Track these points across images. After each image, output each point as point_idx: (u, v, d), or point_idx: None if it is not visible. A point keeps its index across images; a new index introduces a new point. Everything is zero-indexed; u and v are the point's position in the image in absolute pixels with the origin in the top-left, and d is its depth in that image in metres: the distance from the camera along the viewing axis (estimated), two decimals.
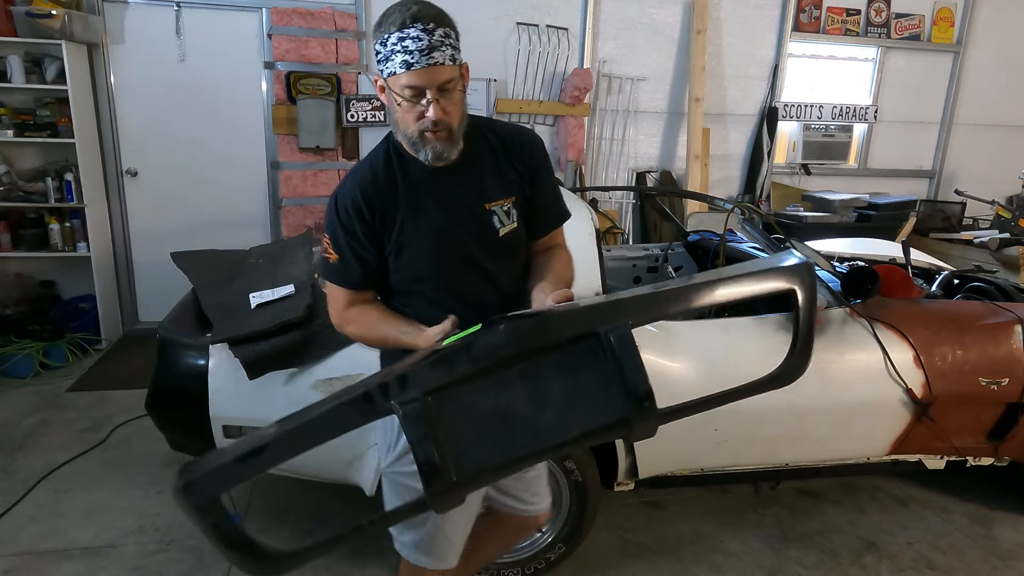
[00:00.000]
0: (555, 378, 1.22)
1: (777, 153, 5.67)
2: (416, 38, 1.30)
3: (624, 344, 1.20)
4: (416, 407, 1.16)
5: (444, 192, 1.47)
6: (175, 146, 4.54)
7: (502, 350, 1.19)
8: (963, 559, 2.62)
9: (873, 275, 2.47)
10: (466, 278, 1.51)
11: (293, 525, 2.65)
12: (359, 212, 1.45)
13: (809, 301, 1.30)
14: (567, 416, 1.22)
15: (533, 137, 1.59)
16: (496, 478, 1.34)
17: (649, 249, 3.76)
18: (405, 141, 1.43)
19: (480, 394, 1.21)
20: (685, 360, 2.33)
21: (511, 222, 1.51)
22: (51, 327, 4.12)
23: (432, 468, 1.16)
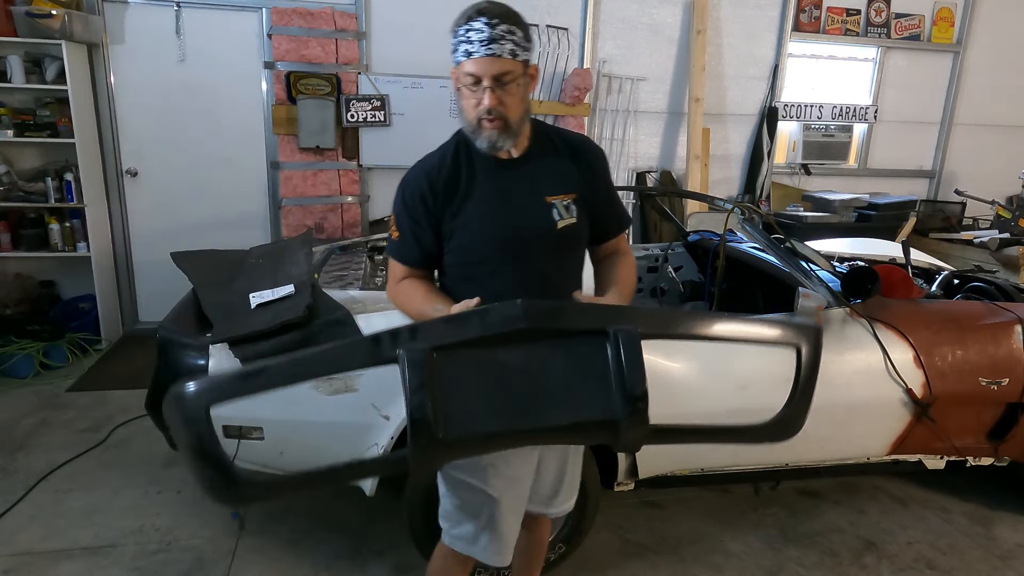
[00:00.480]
0: (558, 365, 1.25)
1: (777, 153, 5.67)
2: (479, 30, 1.41)
3: (630, 346, 1.22)
4: (420, 356, 1.18)
5: (505, 183, 1.56)
6: (175, 146, 4.54)
7: (515, 323, 1.21)
8: (963, 559, 2.62)
9: (873, 275, 2.47)
10: (517, 267, 1.57)
11: (293, 525, 2.65)
12: (422, 197, 1.56)
13: (812, 361, 1.35)
14: (561, 404, 1.24)
15: (596, 146, 1.70)
16: (480, 450, 1.36)
17: (649, 249, 3.76)
18: (467, 130, 1.53)
19: (484, 364, 1.23)
20: (685, 360, 2.32)
21: (570, 216, 1.58)
22: (51, 327, 4.12)
23: (422, 420, 1.17)
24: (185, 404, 1.18)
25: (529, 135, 1.59)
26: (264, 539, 2.57)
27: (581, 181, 1.62)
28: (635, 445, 1.32)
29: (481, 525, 1.64)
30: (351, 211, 4.79)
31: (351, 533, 2.62)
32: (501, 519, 1.63)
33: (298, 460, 2.29)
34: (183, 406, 1.18)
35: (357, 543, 2.56)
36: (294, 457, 2.26)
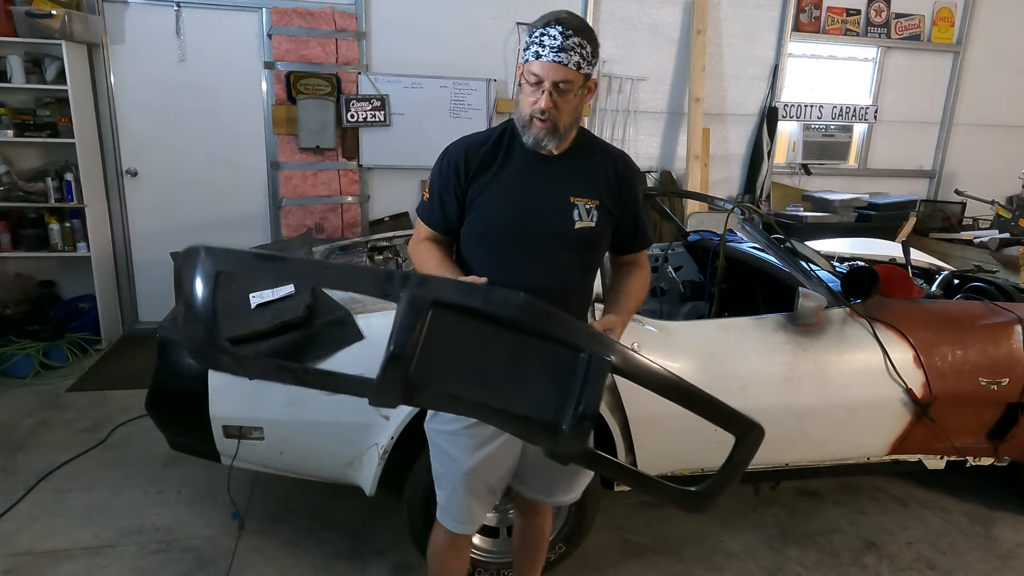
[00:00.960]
0: (533, 363, 1.36)
1: (777, 153, 5.67)
2: (552, 36, 1.51)
3: (598, 371, 1.35)
4: (419, 303, 1.29)
5: (535, 174, 1.64)
6: (175, 146, 4.54)
7: (511, 310, 1.33)
8: (963, 559, 2.62)
9: (873, 275, 2.47)
10: (526, 255, 1.63)
11: (293, 525, 2.65)
12: (456, 168, 1.65)
13: (746, 453, 1.51)
14: (521, 394, 1.35)
15: (633, 164, 1.77)
16: (438, 404, 1.45)
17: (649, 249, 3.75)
18: (518, 123, 1.63)
19: (471, 333, 1.34)
20: (685, 360, 2.33)
21: (589, 220, 1.64)
22: (51, 327, 4.12)
23: (400, 355, 1.28)
24: (204, 262, 1.30)
25: (573, 138, 1.67)
26: (264, 539, 2.57)
27: (610, 192, 1.68)
28: (566, 458, 1.44)
29: (448, 492, 1.75)
30: (351, 211, 4.79)
31: (351, 533, 2.62)
32: (465, 488, 1.72)
33: (298, 460, 2.29)
34: (202, 262, 1.30)
35: (357, 543, 2.56)
36: (294, 457, 2.26)
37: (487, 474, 1.72)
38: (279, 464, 2.29)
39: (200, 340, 1.35)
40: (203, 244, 1.32)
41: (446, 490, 1.76)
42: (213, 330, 1.34)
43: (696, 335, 2.41)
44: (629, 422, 2.28)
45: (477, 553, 2.31)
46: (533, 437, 1.45)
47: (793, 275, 2.58)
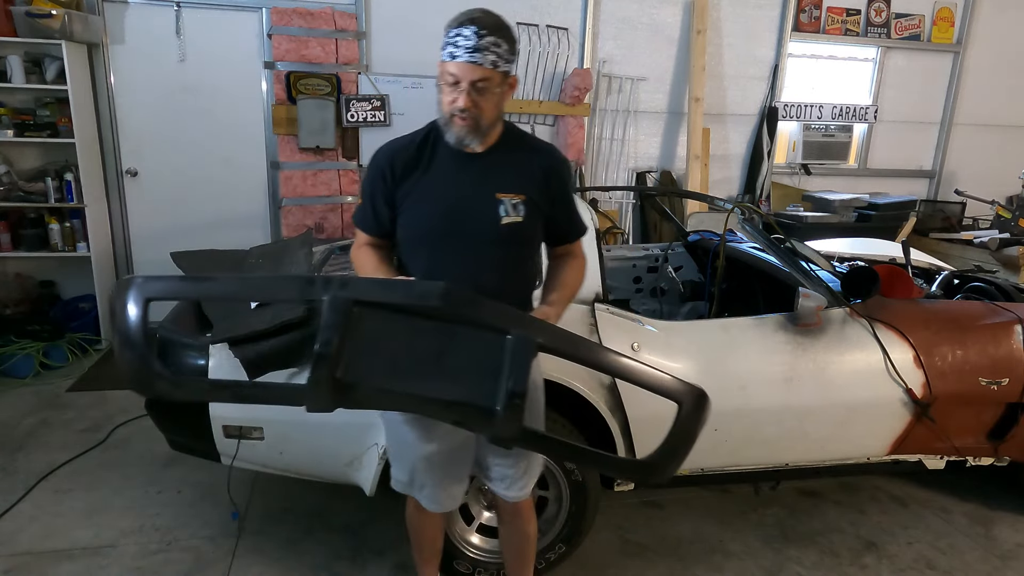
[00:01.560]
0: (460, 350, 1.38)
1: (777, 153, 5.67)
2: (467, 37, 1.53)
3: (524, 351, 1.37)
4: (341, 304, 1.32)
5: (461, 173, 1.67)
6: (175, 146, 4.54)
7: (432, 302, 1.36)
8: (963, 559, 2.62)
9: (873, 275, 2.47)
10: (457, 252, 1.66)
11: (293, 525, 2.65)
12: (383, 173, 1.69)
13: (690, 420, 1.48)
14: (452, 382, 1.37)
15: (558, 153, 1.80)
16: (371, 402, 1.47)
17: (649, 249, 3.76)
18: (440, 120, 1.65)
19: (397, 328, 1.37)
20: (685, 360, 2.33)
21: (516, 215, 1.66)
22: (51, 327, 4.12)
23: (326, 356, 1.30)
24: (132, 293, 1.34)
25: (498, 134, 1.70)
26: (264, 539, 2.57)
27: (536, 186, 1.69)
28: (506, 441, 1.45)
29: (409, 470, 1.84)
30: (351, 211, 4.79)
31: (351, 533, 2.62)
32: (427, 468, 1.80)
33: (298, 460, 2.29)
34: (129, 294, 1.34)
35: (357, 543, 2.56)
36: (294, 457, 2.26)
37: (442, 453, 1.78)
38: (279, 464, 2.29)
39: (134, 368, 1.37)
40: (126, 279, 1.36)
41: (406, 467, 1.85)
42: (147, 357, 1.37)
43: (696, 335, 2.41)
44: (629, 422, 2.28)
45: (477, 553, 2.32)
46: (471, 424, 1.47)
47: (793, 275, 2.58)
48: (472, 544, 2.33)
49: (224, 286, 1.50)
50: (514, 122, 1.77)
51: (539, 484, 2.36)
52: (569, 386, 2.20)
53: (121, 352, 1.37)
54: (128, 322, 1.34)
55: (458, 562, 2.30)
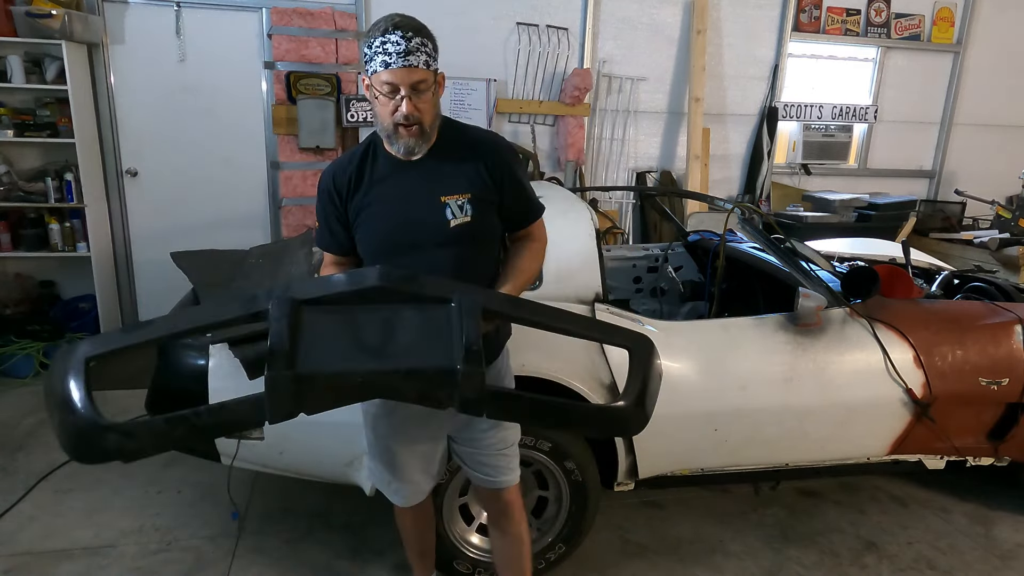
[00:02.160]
0: (409, 324, 1.42)
1: (777, 153, 5.67)
2: (396, 43, 1.51)
3: (471, 311, 1.40)
4: (287, 305, 1.36)
5: (404, 183, 1.67)
6: (175, 146, 4.54)
7: (372, 283, 1.40)
8: (963, 559, 2.62)
9: (873, 275, 2.47)
10: (413, 261, 1.65)
11: (293, 525, 2.65)
12: (330, 194, 1.72)
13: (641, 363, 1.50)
14: (407, 353, 1.40)
15: (500, 141, 1.77)
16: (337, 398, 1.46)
17: (649, 249, 3.76)
18: (383, 135, 1.64)
19: (345, 317, 1.41)
20: (685, 360, 2.33)
21: (464, 216, 1.67)
22: (51, 327, 4.12)
23: (279, 352, 1.32)
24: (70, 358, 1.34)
25: (435, 135, 1.68)
26: (264, 539, 2.57)
27: (483, 179, 1.69)
28: (474, 403, 1.43)
29: (379, 464, 1.89)
30: None
31: (351, 533, 2.62)
32: (392, 460, 1.85)
33: (298, 460, 2.29)
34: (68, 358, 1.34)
35: (357, 543, 2.57)
36: (294, 457, 2.26)
37: (412, 451, 1.84)
38: (279, 464, 2.29)
39: (82, 431, 1.32)
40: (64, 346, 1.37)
41: (377, 461, 1.90)
42: (94, 417, 1.31)
43: (696, 335, 2.42)
44: None
45: (477, 553, 2.32)
46: (436, 390, 1.44)
47: (793, 275, 2.58)
48: (472, 544, 2.33)
49: (166, 325, 1.49)
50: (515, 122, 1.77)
51: (539, 484, 2.37)
52: (569, 386, 2.20)
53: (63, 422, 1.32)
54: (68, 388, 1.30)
55: (458, 562, 2.30)
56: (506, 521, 1.95)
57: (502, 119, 4.97)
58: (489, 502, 1.96)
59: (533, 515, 2.39)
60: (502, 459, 1.86)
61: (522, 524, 1.98)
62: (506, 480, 1.89)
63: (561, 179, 5.09)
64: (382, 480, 1.94)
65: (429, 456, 1.90)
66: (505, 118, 4.97)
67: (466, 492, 2.32)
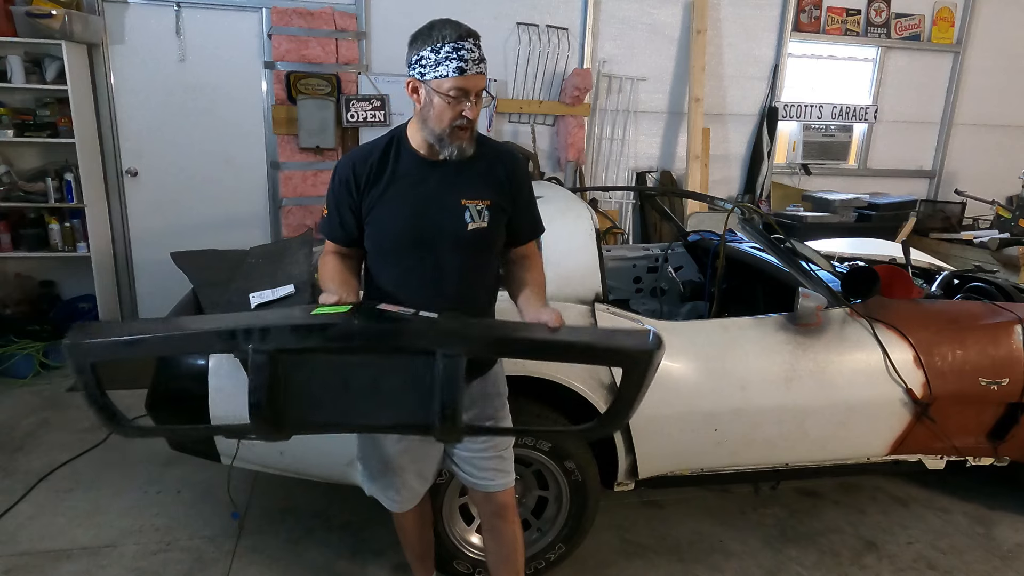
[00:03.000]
0: (390, 373, 1.42)
1: (777, 153, 5.67)
2: (470, 50, 1.56)
3: (450, 372, 1.38)
4: (263, 359, 1.38)
5: (425, 182, 1.67)
6: (175, 146, 4.54)
7: (351, 340, 1.40)
8: (963, 559, 2.62)
9: (873, 275, 2.47)
10: (423, 260, 1.67)
11: (293, 525, 2.65)
12: (347, 183, 1.69)
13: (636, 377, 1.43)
14: (387, 407, 1.43)
15: (519, 156, 1.79)
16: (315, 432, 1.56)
17: (649, 249, 3.76)
18: (431, 136, 1.63)
19: (324, 367, 1.42)
20: (685, 360, 2.33)
21: (481, 221, 1.67)
22: (51, 327, 4.12)
23: (259, 408, 1.39)
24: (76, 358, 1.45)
25: None
26: (264, 539, 2.57)
27: (500, 191, 1.71)
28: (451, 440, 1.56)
29: (371, 468, 1.90)
30: None
31: (351, 533, 2.62)
32: (385, 465, 1.85)
33: (298, 460, 2.29)
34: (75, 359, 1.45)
35: (357, 543, 2.57)
36: (294, 457, 2.26)
37: (405, 455, 1.83)
38: (279, 464, 2.29)
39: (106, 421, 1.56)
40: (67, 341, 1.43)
41: (368, 466, 1.90)
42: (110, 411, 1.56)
43: (696, 335, 2.41)
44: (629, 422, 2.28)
45: (477, 553, 2.32)
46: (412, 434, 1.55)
47: (793, 275, 2.58)
48: (472, 544, 2.33)
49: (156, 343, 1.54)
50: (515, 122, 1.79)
51: (539, 484, 2.37)
52: (569, 386, 2.20)
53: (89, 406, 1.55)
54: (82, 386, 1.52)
55: (458, 562, 2.30)
56: (500, 523, 1.93)
57: (502, 119, 4.97)
58: (483, 505, 1.94)
59: (533, 515, 2.40)
60: (496, 462, 1.85)
61: (516, 526, 1.96)
62: (500, 483, 1.87)
63: (561, 179, 5.09)
64: (375, 486, 1.93)
65: (422, 460, 1.88)
66: (505, 118, 4.97)
67: (466, 492, 2.32)
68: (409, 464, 1.87)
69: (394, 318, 1.46)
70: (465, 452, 1.84)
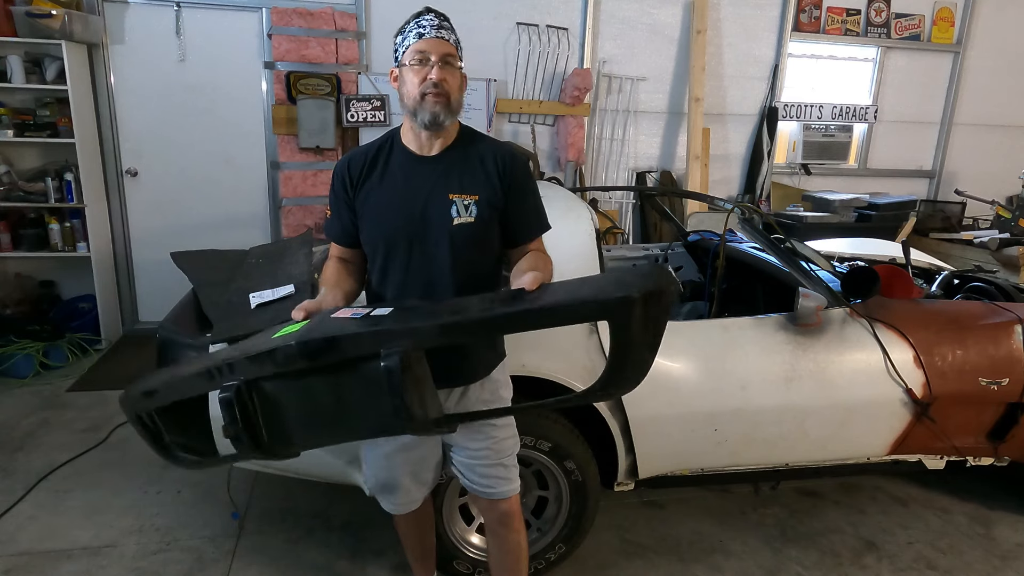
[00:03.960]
0: (348, 384, 1.43)
1: (777, 153, 5.67)
2: (431, 20, 1.63)
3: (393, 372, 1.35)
4: (229, 395, 1.44)
5: (415, 175, 1.69)
6: (175, 146, 4.54)
7: (295, 362, 1.41)
8: (963, 559, 2.62)
9: (873, 275, 2.47)
10: (413, 255, 1.68)
11: (293, 525, 2.65)
12: (343, 181, 1.73)
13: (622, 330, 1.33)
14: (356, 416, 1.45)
15: (517, 154, 1.77)
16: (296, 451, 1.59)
17: (649, 249, 3.76)
18: (408, 111, 1.65)
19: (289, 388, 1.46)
20: (685, 360, 2.33)
21: (468, 216, 1.67)
22: (51, 327, 4.12)
23: (237, 438, 1.47)
24: (127, 410, 1.70)
25: (454, 135, 1.73)
26: (264, 539, 2.57)
27: (491, 187, 1.69)
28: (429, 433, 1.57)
29: (373, 470, 1.91)
30: None
31: (351, 533, 2.62)
32: (387, 467, 1.86)
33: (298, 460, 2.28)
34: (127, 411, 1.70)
35: (357, 543, 2.57)
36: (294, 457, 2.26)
37: (404, 458, 1.84)
38: (279, 464, 2.28)
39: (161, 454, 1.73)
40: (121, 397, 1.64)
41: (371, 469, 1.92)
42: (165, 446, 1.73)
43: (696, 335, 2.41)
44: (629, 422, 2.28)
45: (477, 553, 2.32)
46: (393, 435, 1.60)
47: (793, 275, 2.58)
48: (472, 544, 2.33)
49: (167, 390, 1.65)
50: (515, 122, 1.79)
51: (539, 484, 2.37)
52: (569, 386, 2.20)
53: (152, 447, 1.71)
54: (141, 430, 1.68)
55: (458, 562, 2.30)
56: (504, 530, 1.91)
57: (502, 119, 4.97)
58: (487, 512, 1.92)
59: (533, 515, 2.39)
60: (500, 469, 1.82)
61: (521, 535, 1.93)
62: (503, 491, 1.84)
63: (561, 179, 5.09)
64: (376, 488, 1.94)
65: (422, 464, 1.87)
66: (505, 118, 4.98)
67: (466, 492, 2.32)
68: (406, 470, 1.86)
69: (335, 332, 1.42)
70: (465, 459, 1.82)
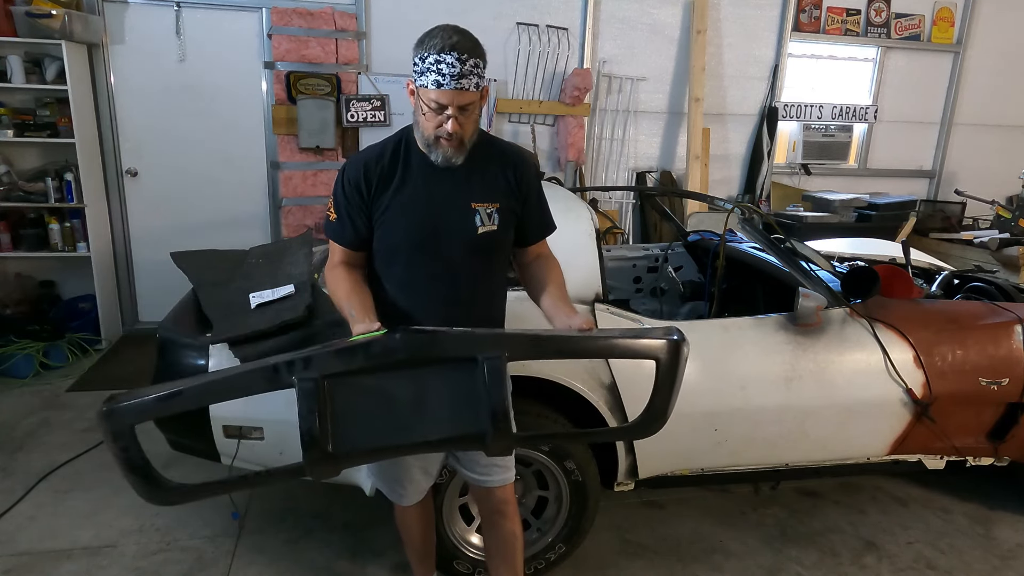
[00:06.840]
0: (436, 387, 1.43)
1: (777, 153, 5.67)
2: (451, 64, 1.52)
3: (495, 374, 1.40)
4: (311, 385, 1.37)
5: (436, 185, 1.67)
6: (175, 146, 4.54)
7: (394, 354, 1.41)
8: (963, 559, 2.62)
9: (873, 275, 2.47)
10: (433, 263, 1.68)
11: (293, 525, 2.65)
12: (358, 185, 1.67)
13: (668, 372, 1.47)
14: (437, 421, 1.43)
15: (527, 158, 1.80)
16: (368, 460, 1.57)
17: (649, 249, 3.76)
18: (420, 141, 1.65)
19: (370, 388, 1.42)
20: None
21: (491, 224, 1.69)
22: (51, 327, 4.12)
23: (312, 439, 1.38)
24: (112, 423, 1.36)
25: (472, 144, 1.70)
26: (264, 539, 2.57)
27: (510, 193, 1.72)
28: (503, 452, 1.56)
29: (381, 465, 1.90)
30: None
31: (351, 533, 2.62)
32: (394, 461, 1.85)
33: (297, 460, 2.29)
34: (111, 425, 1.36)
35: (357, 543, 2.57)
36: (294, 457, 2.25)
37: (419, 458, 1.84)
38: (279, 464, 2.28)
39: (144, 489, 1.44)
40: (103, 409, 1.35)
41: (382, 464, 1.90)
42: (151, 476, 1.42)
43: (696, 335, 2.40)
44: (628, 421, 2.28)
45: (477, 553, 2.31)
46: (465, 448, 1.57)
47: (793, 275, 2.58)
48: (472, 544, 2.33)
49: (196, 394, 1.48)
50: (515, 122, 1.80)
51: (539, 484, 2.37)
52: (569, 386, 2.20)
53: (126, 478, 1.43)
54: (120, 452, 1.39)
55: (458, 562, 2.30)
56: (500, 519, 1.94)
57: (502, 119, 4.97)
58: (483, 501, 1.95)
59: (533, 515, 2.40)
60: (497, 457, 1.84)
61: (516, 523, 1.96)
62: (499, 479, 1.88)
63: (561, 179, 5.09)
64: (383, 479, 1.95)
65: (430, 456, 1.90)
66: (505, 118, 4.98)
67: (466, 492, 2.32)
68: (417, 463, 1.88)
69: (431, 331, 1.47)
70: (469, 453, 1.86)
